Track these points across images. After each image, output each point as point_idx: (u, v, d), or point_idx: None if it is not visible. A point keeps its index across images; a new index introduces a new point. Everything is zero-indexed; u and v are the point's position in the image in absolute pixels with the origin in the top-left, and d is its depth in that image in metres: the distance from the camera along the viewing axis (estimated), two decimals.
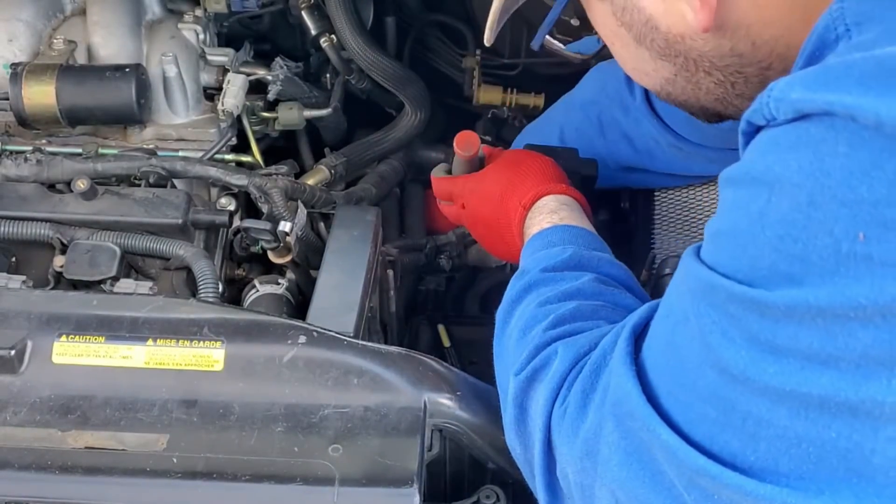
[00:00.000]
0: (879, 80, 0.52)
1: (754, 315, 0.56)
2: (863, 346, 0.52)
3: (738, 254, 0.58)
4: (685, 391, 0.61)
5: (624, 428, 0.65)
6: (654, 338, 0.68)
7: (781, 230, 0.54)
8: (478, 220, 1.11)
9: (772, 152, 0.56)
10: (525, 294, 0.89)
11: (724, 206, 0.61)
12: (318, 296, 1.03)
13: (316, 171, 1.37)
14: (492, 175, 1.09)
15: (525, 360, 0.80)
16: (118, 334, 0.91)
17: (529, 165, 1.08)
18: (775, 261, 0.55)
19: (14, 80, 1.18)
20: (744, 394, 0.57)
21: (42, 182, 1.13)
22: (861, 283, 0.51)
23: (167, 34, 1.30)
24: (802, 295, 0.53)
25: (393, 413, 0.88)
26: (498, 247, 1.11)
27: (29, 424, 0.87)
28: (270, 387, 0.90)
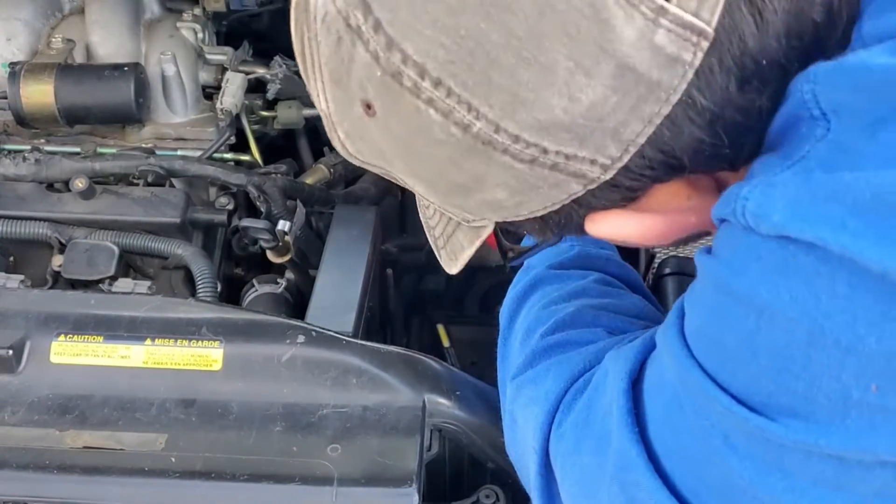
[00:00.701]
0: (879, 216, 0.45)
1: (757, 437, 0.52)
2: (882, 482, 0.48)
3: (730, 371, 0.53)
4: (693, 478, 0.58)
5: (629, 495, 0.62)
6: (652, 407, 0.62)
7: (778, 363, 0.50)
8: None
9: (754, 268, 0.50)
10: (531, 291, 0.87)
11: (705, 301, 0.55)
12: (317, 295, 1.02)
13: (315, 170, 1.37)
14: None
15: (521, 367, 0.79)
16: (116, 334, 0.91)
17: None
18: (774, 392, 0.50)
19: (12, 79, 1.18)
20: (753, 500, 0.53)
21: (40, 181, 1.13)
22: (878, 433, 0.47)
23: (166, 33, 1.30)
24: (811, 433, 0.49)
25: (392, 413, 0.88)
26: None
27: (27, 424, 0.86)
28: (269, 386, 0.90)
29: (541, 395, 0.74)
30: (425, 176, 0.58)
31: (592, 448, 0.67)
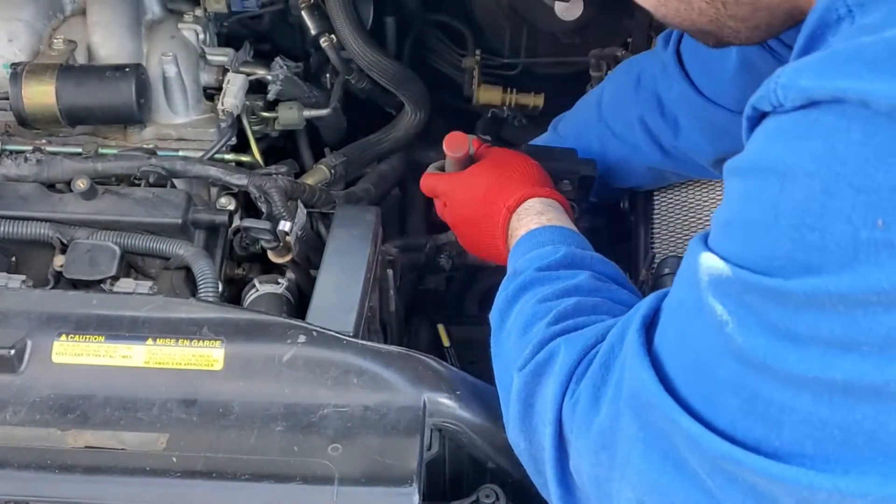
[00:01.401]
0: (890, 64, 0.51)
1: (772, 304, 0.56)
2: (886, 329, 0.52)
3: (752, 244, 0.57)
4: (704, 381, 0.61)
5: (642, 420, 0.65)
6: (666, 329, 0.67)
7: (796, 220, 0.54)
8: (460, 218, 1.13)
9: (781, 141, 0.56)
10: (521, 293, 0.89)
11: (732, 196, 0.61)
12: (318, 295, 1.02)
13: (316, 170, 1.37)
14: (477, 175, 1.10)
15: (529, 355, 0.80)
16: (118, 334, 0.91)
17: (514, 168, 1.08)
18: (791, 250, 0.55)
19: (14, 80, 1.18)
20: (765, 382, 0.57)
21: (42, 182, 1.13)
22: (883, 268, 0.51)
23: (167, 34, 1.30)
24: (822, 283, 0.53)
25: (392, 412, 0.88)
26: (479, 246, 1.12)
27: (29, 424, 0.87)
28: (270, 386, 0.90)
29: (553, 370, 0.77)
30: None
31: (610, 399, 0.69)
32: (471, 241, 1.14)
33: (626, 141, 1.25)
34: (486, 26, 1.70)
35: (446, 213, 1.16)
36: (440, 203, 1.17)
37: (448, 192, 1.13)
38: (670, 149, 1.22)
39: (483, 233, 1.08)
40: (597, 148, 1.26)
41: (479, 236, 1.10)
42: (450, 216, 1.15)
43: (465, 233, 1.14)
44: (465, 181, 1.11)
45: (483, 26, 1.70)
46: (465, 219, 1.11)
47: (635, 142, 1.24)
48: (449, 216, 1.16)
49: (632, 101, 1.24)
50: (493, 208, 1.05)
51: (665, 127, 1.21)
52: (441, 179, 1.16)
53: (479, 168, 1.11)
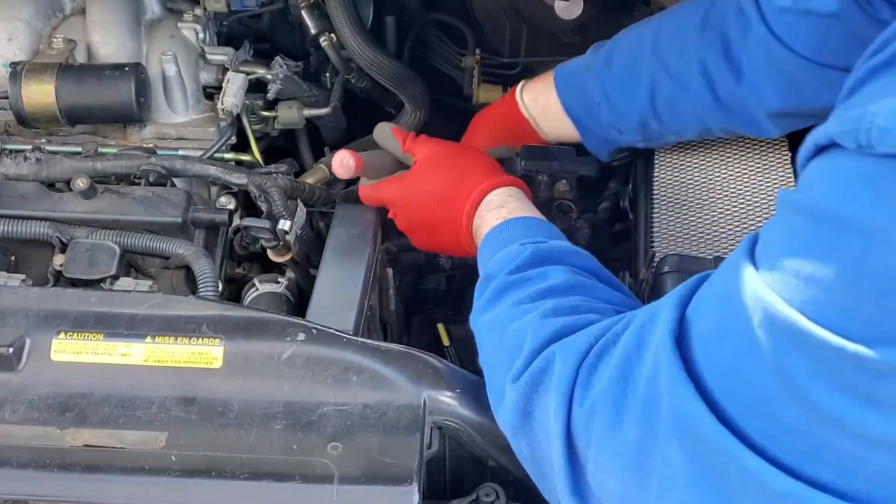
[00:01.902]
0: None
1: (850, 367, 0.52)
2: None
3: (829, 302, 0.52)
4: (765, 421, 0.57)
5: (690, 451, 0.61)
6: (713, 357, 0.62)
7: (885, 285, 0.49)
8: (417, 225, 1.09)
9: (868, 193, 0.50)
10: (497, 300, 0.87)
11: (796, 235, 0.55)
12: (318, 294, 1.02)
13: (316, 169, 1.37)
14: (426, 177, 1.06)
15: (521, 366, 0.78)
16: (117, 332, 0.91)
17: (465, 162, 1.04)
18: (876, 316, 0.50)
19: (13, 79, 1.18)
20: (838, 435, 0.53)
21: (41, 181, 1.13)
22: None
23: (167, 33, 1.30)
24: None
25: (392, 411, 0.88)
26: (442, 247, 1.10)
27: (27, 422, 0.86)
28: (269, 384, 0.90)
29: (552, 381, 0.74)
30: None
31: (636, 416, 0.66)
32: (432, 244, 1.11)
33: (680, 82, 1.14)
34: (486, 25, 1.70)
35: (399, 221, 1.12)
36: (390, 212, 1.13)
37: (397, 200, 1.09)
38: (726, 97, 1.12)
39: (446, 236, 1.05)
40: (645, 83, 1.16)
41: (441, 240, 1.07)
42: (404, 223, 1.12)
43: (424, 238, 1.11)
44: (414, 186, 1.07)
45: (483, 25, 1.70)
46: (421, 224, 1.08)
47: (690, 84, 1.13)
48: (403, 223, 1.12)
49: (695, 39, 1.13)
50: (453, 210, 1.02)
51: (727, 71, 1.10)
52: (385, 188, 1.11)
53: (426, 168, 1.07)
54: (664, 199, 1.26)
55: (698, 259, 1.06)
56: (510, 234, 0.93)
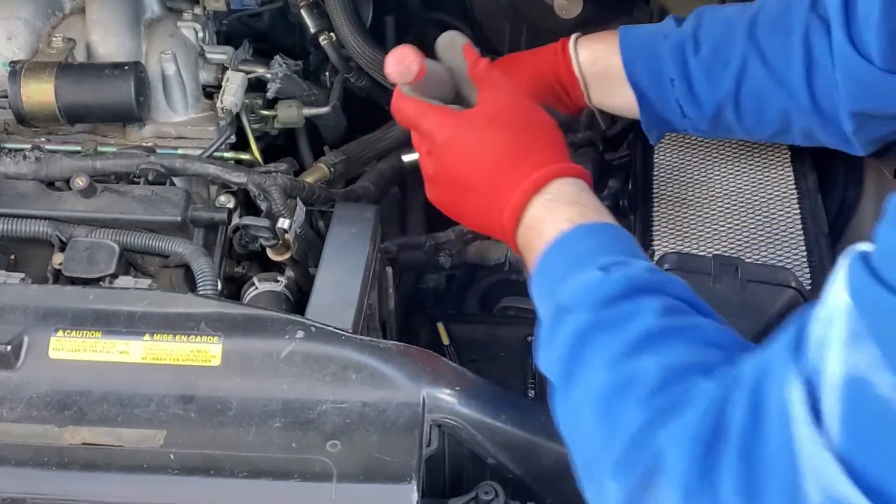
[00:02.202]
0: None
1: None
2: None
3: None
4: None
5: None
6: (865, 437, 0.50)
7: None
8: (452, 179, 0.89)
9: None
10: (580, 349, 0.71)
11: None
12: (317, 292, 1.02)
13: (315, 169, 1.37)
14: (487, 128, 0.87)
15: (624, 457, 0.64)
16: (115, 329, 0.91)
17: (540, 129, 0.86)
18: None
19: (13, 78, 1.18)
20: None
21: (41, 180, 1.13)
22: None
23: (166, 32, 1.30)
24: None
25: (391, 408, 0.88)
26: (471, 218, 0.90)
27: (26, 420, 0.86)
28: (268, 382, 0.90)
29: (665, 476, 0.61)
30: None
31: (774, 496, 0.55)
32: (457, 208, 0.91)
33: (776, 70, 1.01)
34: (486, 24, 1.70)
35: (429, 163, 0.91)
36: (422, 146, 0.92)
37: (439, 137, 0.88)
38: (822, 93, 1.00)
39: (482, 205, 0.87)
40: (735, 67, 1.03)
41: (473, 208, 0.88)
42: (435, 169, 0.91)
43: (452, 197, 0.91)
44: (467, 131, 0.87)
45: (483, 24, 1.70)
46: (458, 181, 0.88)
47: (787, 73, 1.00)
48: (433, 168, 0.91)
49: (799, 21, 1.00)
50: (508, 181, 0.84)
51: (830, 61, 0.98)
52: (430, 115, 0.90)
53: (489, 116, 0.87)
54: (664, 198, 1.26)
55: (698, 257, 1.06)
56: (584, 249, 0.78)
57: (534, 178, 0.84)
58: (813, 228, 1.17)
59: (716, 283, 1.00)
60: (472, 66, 0.93)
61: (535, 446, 0.90)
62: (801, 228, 1.17)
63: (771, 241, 1.16)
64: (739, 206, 1.22)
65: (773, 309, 0.99)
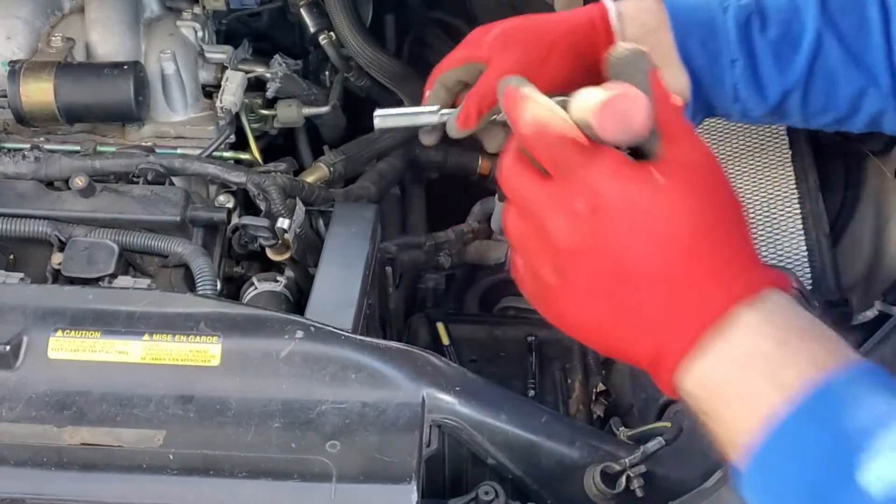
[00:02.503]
0: None
1: None
2: None
3: None
4: None
5: None
6: None
7: None
8: (612, 258, 0.58)
9: None
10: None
11: None
12: (317, 292, 1.02)
13: (315, 168, 1.37)
14: (685, 195, 0.58)
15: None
16: (114, 329, 0.90)
17: (739, 212, 0.61)
18: None
19: (12, 78, 1.18)
20: None
21: (40, 179, 1.13)
22: None
23: (165, 32, 1.30)
24: None
25: (391, 409, 0.88)
26: (617, 329, 0.59)
27: (25, 420, 0.86)
28: (268, 382, 0.89)
29: None
30: None
31: None
32: (603, 312, 0.59)
33: (853, 51, 0.88)
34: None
35: (571, 229, 0.58)
36: (568, 201, 0.58)
37: (617, 193, 0.57)
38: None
39: (648, 308, 0.57)
40: (808, 47, 0.88)
41: (631, 311, 0.58)
42: (583, 239, 0.58)
43: (601, 292, 0.59)
44: (658, 192, 0.57)
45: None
46: (620, 262, 0.57)
47: (865, 53, 0.88)
48: (580, 237, 0.58)
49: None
50: (703, 278, 0.56)
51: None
52: (608, 157, 0.58)
53: (691, 182, 0.58)
54: None
55: None
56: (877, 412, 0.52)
57: (746, 280, 0.57)
58: (814, 228, 1.17)
59: None
60: (662, 105, 0.60)
61: (535, 446, 0.90)
62: (801, 228, 1.17)
63: (771, 241, 1.16)
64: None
65: None
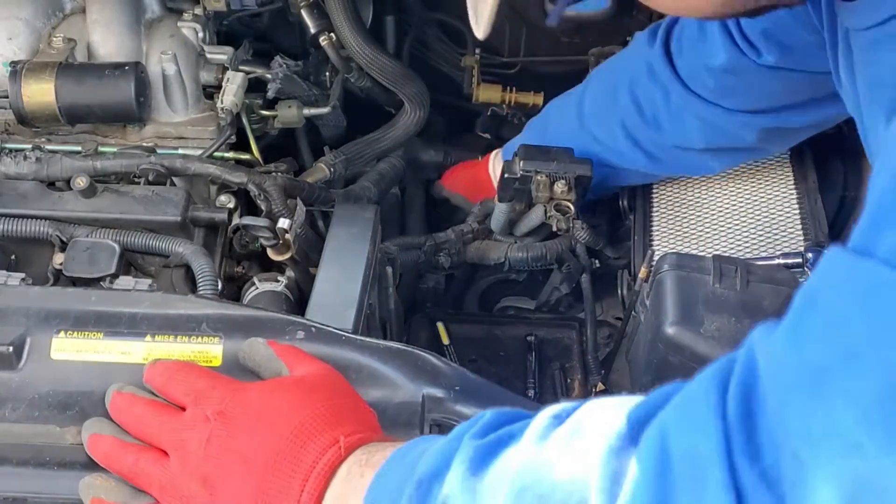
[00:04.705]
0: None
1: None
2: None
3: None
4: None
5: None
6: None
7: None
8: (234, 458, 0.76)
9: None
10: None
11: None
12: (317, 292, 1.02)
13: (315, 169, 1.37)
14: (289, 394, 0.79)
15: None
16: (117, 330, 0.91)
17: (347, 396, 0.82)
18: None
19: (13, 78, 1.18)
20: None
21: (41, 180, 1.14)
22: None
23: (166, 32, 1.30)
24: None
25: (391, 408, 0.88)
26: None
27: (27, 420, 0.86)
28: None
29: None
30: None
31: None
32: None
33: (610, 148, 1.25)
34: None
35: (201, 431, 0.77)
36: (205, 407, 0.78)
37: (222, 407, 0.77)
38: (656, 150, 1.22)
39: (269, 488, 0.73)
40: (581, 155, 1.26)
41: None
42: (214, 453, 0.76)
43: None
44: (260, 398, 0.78)
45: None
46: (246, 460, 0.74)
47: (619, 148, 1.24)
48: (209, 455, 0.76)
49: (610, 107, 1.24)
50: (308, 447, 0.74)
51: (646, 128, 1.20)
52: (207, 381, 0.81)
53: (292, 384, 0.81)
54: (664, 198, 1.27)
55: (698, 257, 1.06)
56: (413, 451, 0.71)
57: (345, 442, 0.75)
58: (813, 228, 1.17)
59: (716, 283, 1.01)
60: (282, 351, 0.86)
61: None
62: (801, 228, 1.18)
63: (771, 241, 1.17)
64: (739, 206, 1.22)
65: (773, 309, 0.99)
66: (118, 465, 0.80)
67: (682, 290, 1.01)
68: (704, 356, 0.97)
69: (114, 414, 0.83)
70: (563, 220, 1.26)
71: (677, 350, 0.99)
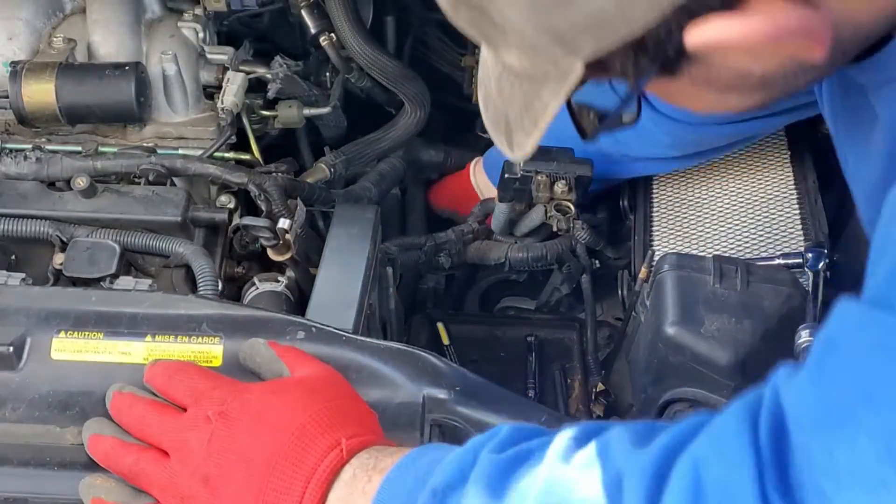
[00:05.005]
0: None
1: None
2: None
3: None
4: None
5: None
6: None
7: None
8: (231, 460, 0.76)
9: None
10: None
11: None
12: (318, 292, 1.03)
13: (315, 169, 1.37)
14: (288, 394, 0.80)
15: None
16: (117, 330, 0.91)
17: (348, 398, 0.82)
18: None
19: (14, 79, 1.18)
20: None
21: (42, 180, 1.14)
22: None
23: (167, 33, 1.30)
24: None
25: (392, 408, 0.88)
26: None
27: (27, 420, 0.86)
28: None
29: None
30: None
31: None
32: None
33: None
34: None
35: (204, 431, 0.77)
36: (207, 408, 0.79)
37: (223, 408, 0.78)
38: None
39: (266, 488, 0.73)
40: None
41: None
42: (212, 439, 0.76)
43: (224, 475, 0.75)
44: (261, 399, 0.78)
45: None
46: (243, 461, 0.75)
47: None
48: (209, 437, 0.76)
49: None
50: (310, 448, 0.74)
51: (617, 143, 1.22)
52: (208, 381, 0.82)
53: (293, 385, 0.82)
54: (664, 198, 1.27)
55: (698, 257, 1.06)
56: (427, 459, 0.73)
57: (347, 444, 0.76)
58: (813, 228, 1.17)
59: (716, 283, 1.01)
60: (282, 352, 0.87)
61: None
62: (801, 228, 1.17)
63: (771, 241, 1.17)
64: (739, 206, 1.22)
65: (773, 309, 0.99)
66: (118, 466, 0.81)
67: (683, 290, 1.01)
68: (705, 356, 0.97)
69: (114, 414, 0.84)
70: (563, 220, 1.26)
71: (678, 350, 0.99)
